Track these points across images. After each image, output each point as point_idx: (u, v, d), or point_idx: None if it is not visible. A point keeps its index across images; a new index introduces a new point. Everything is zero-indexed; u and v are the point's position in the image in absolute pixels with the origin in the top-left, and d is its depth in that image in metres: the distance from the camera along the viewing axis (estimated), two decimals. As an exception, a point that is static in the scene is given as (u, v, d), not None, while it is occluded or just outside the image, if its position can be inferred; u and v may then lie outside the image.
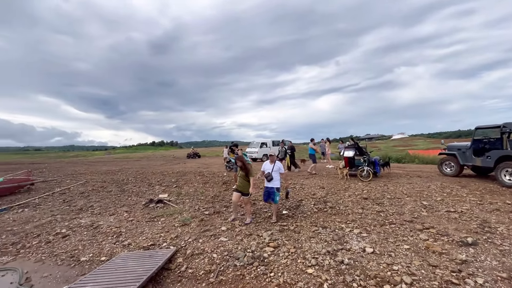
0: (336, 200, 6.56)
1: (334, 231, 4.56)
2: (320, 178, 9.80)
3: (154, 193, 8.54)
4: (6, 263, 4.16)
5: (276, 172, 5.19)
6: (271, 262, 3.59)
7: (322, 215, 5.48)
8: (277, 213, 5.38)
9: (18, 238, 5.14)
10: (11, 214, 6.86)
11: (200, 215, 5.87)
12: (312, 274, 3.23)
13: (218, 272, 3.43)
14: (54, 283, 3.54)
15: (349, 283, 3.00)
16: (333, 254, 3.70)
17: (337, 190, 7.64)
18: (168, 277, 3.46)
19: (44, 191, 9.59)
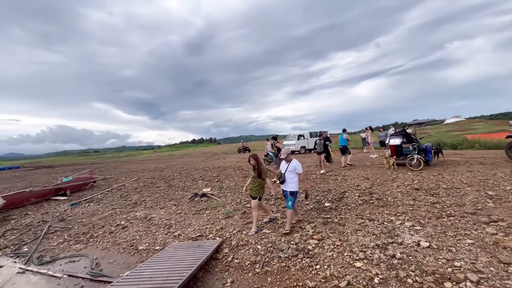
0: (383, 191, 6.17)
1: (383, 223, 4.30)
2: (363, 169, 9.30)
3: (198, 187, 9.00)
4: (79, 250, 4.79)
5: (291, 172, 4.41)
6: (316, 254, 3.53)
7: (368, 207, 5.20)
8: (291, 221, 4.54)
9: (87, 228, 5.87)
10: (80, 208, 7.85)
11: (242, 208, 6.03)
12: (361, 268, 3.10)
13: (263, 263, 3.49)
14: (118, 268, 3.97)
15: (403, 278, 2.81)
16: (382, 247, 3.49)
17: (384, 180, 7.17)
18: (216, 266, 3.64)
19: (104, 187, 10.77)
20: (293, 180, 4.39)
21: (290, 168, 4.42)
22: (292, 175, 4.40)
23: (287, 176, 4.43)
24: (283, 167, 4.54)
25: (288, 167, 4.45)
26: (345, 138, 10.35)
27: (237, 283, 3.18)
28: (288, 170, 4.43)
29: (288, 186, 4.42)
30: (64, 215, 7.18)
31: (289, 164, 4.46)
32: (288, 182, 4.41)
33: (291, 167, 4.42)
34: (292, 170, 4.40)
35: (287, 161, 4.50)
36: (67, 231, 5.83)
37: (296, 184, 4.39)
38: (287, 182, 4.42)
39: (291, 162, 4.46)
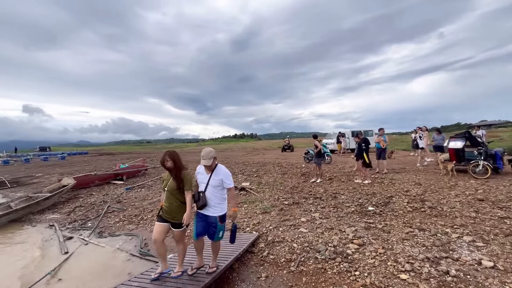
0: (437, 199, 5.54)
1: (435, 235, 3.86)
2: (415, 173, 8.47)
3: (237, 181, 9.23)
4: (132, 230, 5.33)
5: (217, 188, 2.87)
6: (355, 260, 3.34)
7: (418, 216, 4.73)
8: (216, 261, 3.17)
9: (139, 211, 6.49)
10: (133, 192, 8.71)
11: (279, 205, 6.01)
12: (407, 280, 2.83)
13: (298, 262, 3.43)
14: (163, 250, 4.31)
15: (458, 299, 2.49)
16: (434, 261, 3.14)
17: (439, 188, 6.43)
18: (252, 259, 3.70)
19: (154, 175, 11.76)
20: (220, 199, 2.91)
21: (215, 180, 2.85)
22: (219, 192, 2.89)
23: (211, 193, 2.86)
24: (202, 178, 2.93)
25: (211, 179, 2.86)
26: (377, 141, 9.04)
27: (272, 279, 3.19)
28: (210, 184, 2.85)
29: (211, 209, 2.87)
30: (120, 197, 8.06)
31: (212, 174, 2.87)
32: (212, 203, 2.86)
33: (215, 179, 2.85)
34: (217, 184, 2.86)
35: (208, 170, 2.90)
36: (122, 212, 6.54)
37: (225, 204, 2.96)
38: (211, 203, 2.87)
39: (215, 170, 2.89)
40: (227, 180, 2.87)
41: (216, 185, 2.85)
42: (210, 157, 2.79)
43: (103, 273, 3.80)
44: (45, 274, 3.66)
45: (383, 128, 9.21)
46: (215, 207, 2.88)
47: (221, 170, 2.90)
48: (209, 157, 2.78)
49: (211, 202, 2.86)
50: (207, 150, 2.80)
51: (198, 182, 2.96)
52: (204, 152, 2.79)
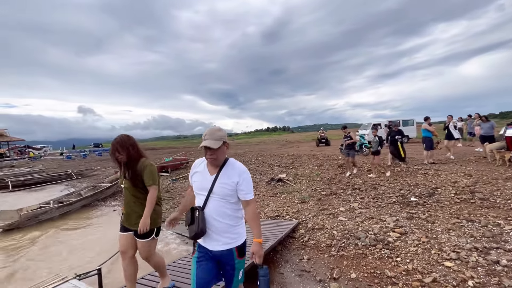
0: (490, 191, 5.19)
1: (486, 226, 3.71)
2: (465, 164, 7.88)
3: (274, 172, 9.51)
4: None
5: (227, 199, 1.68)
6: (397, 247, 3.41)
7: (467, 207, 4.53)
8: None
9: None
10: (179, 183, 9.52)
11: (317, 195, 6.15)
12: (452, 268, 2.85)
13: (339, 247, 3.61)
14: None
15: (507, 287, 2.47)
16: (483, 251, 3.08)
17: (493, 179, 5.97)
18: (293, 243, 3.96)
19: (195, 168, 12.60)
20: (234, 219, 1.72)
21: (225, 185, 1.67)
22: (230, 206, 1.71)
23: (217, 209, 1.68)
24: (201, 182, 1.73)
25: (217, 183, 1.68)
26: (426, 129, 8.31)
27: (313, 261, 3.42)
28: (216, 191, 1.67)
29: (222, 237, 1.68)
30: (168, 187, 8.89)
31: (219, 175, 1.69)
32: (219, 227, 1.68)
33: (226, 182, 1.67)
34: (229, 193, 1.68)
35: (214, 167, 1.72)
36: (171, 200, 7.26)
37: (242, 227, 1.78)
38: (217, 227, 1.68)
39: (225, 167, 1.72)
40: (245, 186, 1.66)
41: (227, 194, 1.64)
42: (217, 138, 1.61)
43: (167, 250, 4.39)
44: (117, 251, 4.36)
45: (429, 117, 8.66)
46: (226, 234, 1.66)
47: (237, 167, 1.70)
48: (215, 137, 1.61)
49: (218, 226, 1.64)
50: (214, 128, 1.67)
51: (193, 188, 1.76)
52: (208, 131, 1.65)
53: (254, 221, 1.70)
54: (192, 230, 1.66)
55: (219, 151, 1.64)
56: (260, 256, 1.64)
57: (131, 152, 2.19)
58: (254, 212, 1.71)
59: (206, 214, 1.67)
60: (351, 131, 8.28)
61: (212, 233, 1.67)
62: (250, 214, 1.71)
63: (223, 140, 1.64)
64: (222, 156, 1.70)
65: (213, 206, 1.68)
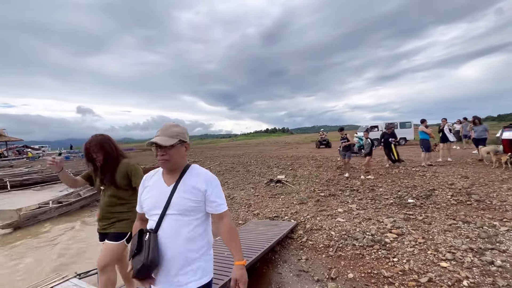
0: (486, 193, 5.25)
1: (481, 228, 3.76)
2: (462, 166, 7.96)
3: (273, 174, 9.56)
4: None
5: (190, 216, 1.26)
6: (394, 248, 3.46)
7: (463, 209, 4.58)
8: None
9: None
10: (178, 184, 9.55)
11: (316, 196, 6.19)
12: (447, 268, 2.90)
13: (337, 247, 3.65)
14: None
15: (501, 287, 2.51)
16: (478, 252, 3.13)
17: (489, 181, 6.04)
18: (292, 244, 4.00)
19: (195, 169, 12.63)
20: (199, 243, 1.27)
21: (186, 195, 1.25)
22: (195, 226, 1.27)
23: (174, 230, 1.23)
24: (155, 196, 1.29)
25: (176, 194, 1.26)
26: (422, 131, 8.45)
27: (311, 261, 3.46)
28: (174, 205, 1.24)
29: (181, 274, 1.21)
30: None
31: (178, 185, 1.28)
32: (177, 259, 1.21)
33: (187, 192, 1.26)
34: (191, 207, 1.26)
35: (171, 175, 1.32)
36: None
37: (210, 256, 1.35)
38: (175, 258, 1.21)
39: (186, 175, 1.31)
40: (217, 196, 1.31)
41: (190, 208, 1.25)
42: (171, 134, 1.26)
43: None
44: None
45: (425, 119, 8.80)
46: (187, 268, 1.23)
47: (203, 173, 1.34)
48: (168, 133, 1.26)
49: (177, 255, 1.22)
50: (170, 123, 1.33)
51: (145, 209, 1.34)
52: (163, 126, 1.31)
53: (232, 238, 1.28)
54: (137, 261, 1.15)
55: (174, 151, 1.25)
56: (244, 282, 1.21)
57: (110, 152, 2.03)
58: (230, 227, 1.30)
59: (160, 238, 1.20)
60: (348, 133, 8.36)
61: (168, 265, 1.19)
62: (226, 229, 1.28)
63: (180, 138, 1.26)
64: (179, 159, 1.29)
65: (170, 227, 1.21)
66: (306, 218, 4.84)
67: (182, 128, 1.33)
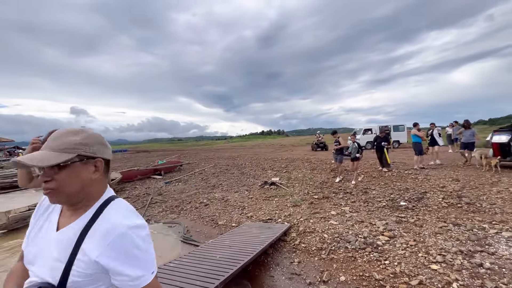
0: (476, 195, 5.33)
1: (471, 230, 3.82)
2: (453, 169, 8.07)
3: (267, 176, 9.55)
4: (174, 219, 5.91)
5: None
6: (385, 250, 3.48)
7: (454, 211, 4.64)
8: None
9: (178, 203, 7.11)
10: (172, 186, 9.46)
11: (309, 199, 6.21)
12: (437, 270, 2.92)
13: (329, 250, 3.65)
14: (203, 237, 4.78)
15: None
16: (467, 254, 3.17)
17: (479, 184, 6.13)
18: (284, 247, 3.99)
19: (188, 171, 12.55)
20: None
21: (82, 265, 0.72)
22: None
23: None
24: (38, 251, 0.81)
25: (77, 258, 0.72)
26: (415, 134, 8.61)
27: (304, 264, 3.45)
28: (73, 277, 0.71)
29: None
30: (161, 190, 8.82)
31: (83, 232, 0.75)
32: None
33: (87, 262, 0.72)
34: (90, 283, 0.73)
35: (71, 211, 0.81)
36: (164, 203, 7.21)
37: None
38: None
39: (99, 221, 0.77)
40: (128, 265, 0.75)
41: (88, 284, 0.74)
42: (62, 146, 0.75)
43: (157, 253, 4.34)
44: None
45: (417, 123, 8.90)
46: None
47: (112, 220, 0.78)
48: (58, 146, 0.76)
49: None
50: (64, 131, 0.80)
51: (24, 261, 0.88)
52: (53, 134, 0.80)
53: None
54: None
55: (66, 175, 0.75)
56: None
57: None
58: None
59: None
60: (341, 136, 8.40)
61: None
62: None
63: (80, 153, 0.76)
64: (81, 188, 0.78)
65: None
66: (300, 221, 4.84)
67: (89, 136, 0.81)
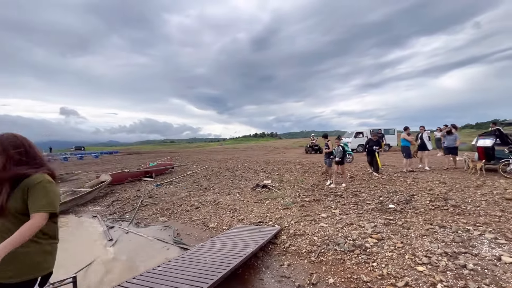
0: (462, 198, 5.47)
1: (456, 232, 3.92)
2: (440, 172, 8.27)
3: (259, 179, 9.56)
4: (164, 222, 5.85)
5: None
6: (373, 252, 3.53)
7: (440, 214, 4.76)
8: None
9: (169, 206, 7.04)
10: (163, 188, 9.36)
11: (300, 201, 6.25)
12: (423, 272, 2.99)
13: (318, 253, 3.68)
14: (193, 240, 4.75)
15: (473, 290, 2.62)
16: (452, 256, 3.25)
17: (465, 187, 6.30)
18: (275, 249, 4.00)
19: (180, 173, 12.44)
20: None
21: None
22: None
23: None
24: None
25: None
26: (404, 138, 8.78)
27: (293, 267, 3.47)
28: None
29: None
30: (151, 193, 8.72)
31: None
32: None
33: None
34: None
35: None
36: (154, 206, 7.13)
37: None
38: None
39: None
40: None
41: None
42: None
43: (143, 257, 4.30)
44: (95, 257, 4.23)
45: (408, 127, 9.08)
46: None
47: None
48: None
49: None
50: None
51: None
52: None
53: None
54: None
55: None
56: None
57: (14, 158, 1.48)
58: None
59: None
60: (331, 139, 8.45)
61: None
62: None
63: None
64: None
65: None
66: (290, 223, 4.86)
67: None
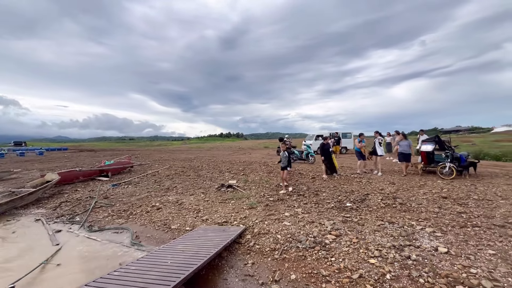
0: (407, 197, 6.11)
1: (403, 227, 4.36)
2: (391, 174, 9.13)
3: (224, 179, 9.50)
4: (122, 224, 5.48)
5: None
6: (332, 248, 3.75)
7: (389, 211, 5.25)
8: None
9: (127, 207, 6.61)
10: (120, 188, 8.75)
11: (265, 201, 6.36)
12: (375, 264, 3.27)
13: (282, 250, 3.79)
14: (154, 242, 4.53)
15: (415, 278, 2.94)
16: (399, 248, 3.61)
17: (410, 187, 7.05)
18: (239, 249, 4.02)
19: (140, 172, 11.77)
20: None
21: None
22: None
23: None
24: None
25: None
26: (356, 146, 9.63)
27: (257, 265, 3.52)
28: None
29: None
30: (107, 193, 8.10)
31: None
32: None
33: None
34: None
35: None
36: (110, 207, 6.63)
37: None
38: None
39: None
40: None
41: None
42: None
43: (97, 262, 3.97)
44: (38, 263, 3.79)
45: (362, 133, 9.90)
46: None
47: None
48: None
49: None
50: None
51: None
52: None
53: None
54: None
55: None
56: None
57: None
58: None
59: None
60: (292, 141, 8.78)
61: None
62: None
63: None
64: None
65: None
66: (255, 223, 4.92)
67: None
